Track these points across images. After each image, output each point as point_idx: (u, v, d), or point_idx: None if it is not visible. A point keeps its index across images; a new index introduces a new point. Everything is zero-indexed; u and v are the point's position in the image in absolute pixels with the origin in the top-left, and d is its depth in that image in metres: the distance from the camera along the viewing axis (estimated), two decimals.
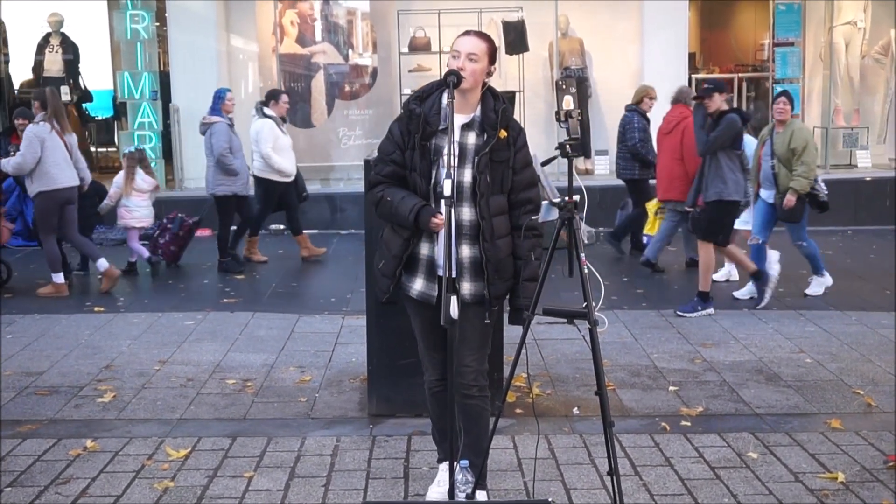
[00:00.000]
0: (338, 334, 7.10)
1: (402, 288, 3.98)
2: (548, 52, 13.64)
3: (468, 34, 3.87)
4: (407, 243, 3.87)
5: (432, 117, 3.82)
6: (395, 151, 3.89)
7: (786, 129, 7.87)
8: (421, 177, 3.83)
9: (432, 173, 3.82)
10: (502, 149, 3.84)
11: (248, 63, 14.19)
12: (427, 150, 3.82)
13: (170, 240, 9.89)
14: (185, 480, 4.54)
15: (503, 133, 3.83)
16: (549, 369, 6.19)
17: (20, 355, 6.59)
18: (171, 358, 6.53)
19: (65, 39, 14.18)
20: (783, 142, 7.83)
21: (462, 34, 3.88)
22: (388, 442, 5.00)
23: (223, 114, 9.35)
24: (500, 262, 3.85)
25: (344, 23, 14.12)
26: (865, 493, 4.31)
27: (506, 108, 3.88)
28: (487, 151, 3.80)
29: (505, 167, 3.85)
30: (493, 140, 3.81)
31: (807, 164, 7.77)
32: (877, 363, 6.24)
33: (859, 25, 13.89)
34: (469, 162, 3.82)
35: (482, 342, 4.03)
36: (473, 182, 3.80)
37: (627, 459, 4.73)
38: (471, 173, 3.81)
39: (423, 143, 3.82)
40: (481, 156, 3.79)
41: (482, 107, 3.87)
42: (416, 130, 3.82)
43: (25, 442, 5.02)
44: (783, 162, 7.85)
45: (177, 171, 12.99)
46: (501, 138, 3.82)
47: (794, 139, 7.77)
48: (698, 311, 7.52)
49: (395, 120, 3.97)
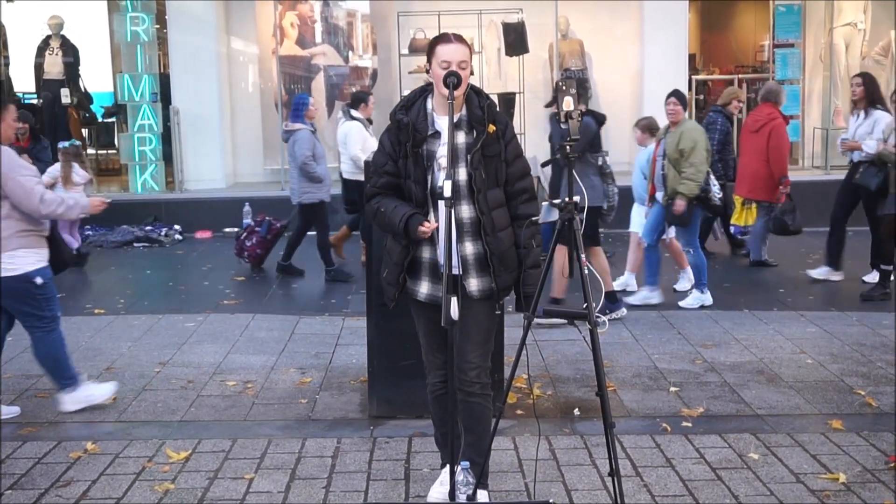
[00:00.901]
0: (338, 336, 7.10)
1: (407, 293, 4.02)
2: (548, 54, 13.64)
3: (450, 41, 3.84)
4: (406, 250, 3.93)
5: (420, 124, 3.86)
6: (387, 163, 3.93)
7: (676, 129, 7.70)
8: (416, 183, 3.87)
9: (427, 179, 3.86)
10: (493, 143, 3.88)
11: (248, 65, 14.20)
12: (420, 156, 3.86)
13: (256, 243, 9.76)
14: (185, 482, 4.54)
15: (492, 128, 3.86)
16: (550, 370, 6.19)
17: (20, 358, 6.58)
18: (171, 360, 6.52)
19: (65, 42, 14.18)
20: (673, 142, 7.65)
21: (442, 42, 3.85)
22: (389, 443, 4.99)
23: (306, 121, 9.12)
24: (504, 254, 3.90)
25: (344, 24, 14.13)
26: (867, 494, 4.30)
27: (490, 103, 3.92)
28: (479, 148, 3.84)
29: (498, 161, 3.90)
30: (484, 136, 3.85)
31: (695, 166, 7.51)
32: (878, 364, 6.23)
33: (859, 27, 13.90)
34: (462, 160, 3.85)
35: (486, 339, 4.05)
36: (469, 179, 3.84)
37: (628, 460, 4.72)
38: (465, 171, 3.85)
39: (415, 150, 3.85)
40: (474, 153, 3.83)
41: (467, 106, 3.90)
42: (406, 139, 3.86)
43: (26, 444, 5.01)
44: (672, 163, 7.65)
45: (177, 174, 12.99)
46: (491, 133, 3.86)
47: (683, 140, 7.57)
48: (607, 313, 7.30)
49: (385, 131, 4.00)
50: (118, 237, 11.37)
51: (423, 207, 3.87)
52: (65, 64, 14.13)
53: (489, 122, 3.86)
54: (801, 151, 13.82)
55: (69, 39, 14.23)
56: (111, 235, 11.43)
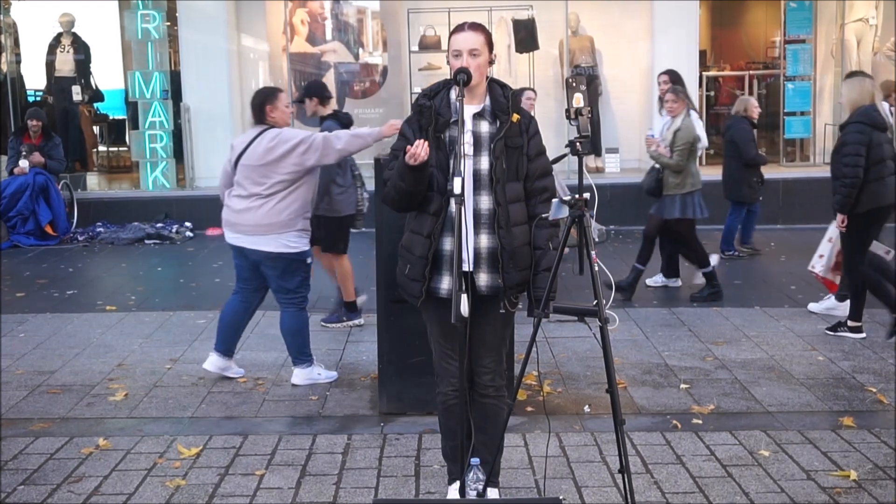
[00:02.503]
0: (349, 332, 7.11)
1: (429, 292, 3.88)
2: (558, 51, 13.62)
3: (463, 30, 3.85)
4: (429, 241, 3.81)
5: (443, 109, 3.82)
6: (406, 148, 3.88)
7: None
8: (438, 170, 3.79)
9: (450, 164, 3.75)
10: (516, 135, 3.84)
11: (258, 62, 14.22)
12: (442, 141, 3.80)
13: None
14: (196, 478, 4.55)
15: (515, 117, 3.83)
16: (560, 367, 6.18)
17: (32, 354, 6.61)
18: (182, 356, 6.54)
19: (76, 39, 14.23)
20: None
21: (456, 31, 3.86)
22: (399, 440, 5.00)
23: None
24: (516, 251, 3.81)
25: (354, 21, 14.14)
26: (878, 492, 4.29)
27: (514, 93, 3.91)
28: (502, 137, 3.80)
29: (520, 154, 3.85)
30: (507, 125, 3.81)
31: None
32: (889, 360, 6.21)
33: (871, 22, 13.83)
34: (485, 149, 3.81)
35: (500, 342, 4.02)
36: (490, 169, 3.79)
37: (639, 457, 4.72)
38: (488, 160, 3.80)
39: (438, 134, 3.80)
40: (496, 141, 3.79)
41: (491, 95, 3.88)
42: (428, 124, 3.81)
43: (38, 440, 5.04)
44: None
45: (188, 171, 13.01)
46: (514, 122, 3.83)
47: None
48: (343, 321, 7.24)
49: (405, 121, 3.96)
50: (129, 234, 11.40)
51: (444, 195, 3.78)
52: (76, 61, 14.20)
53: (513, 112, 3.84)
54: (812, 148, 13.77)
55: (80, 37, 14.28)
56: (122, 232, 11.47)
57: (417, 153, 3.65)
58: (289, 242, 5.61)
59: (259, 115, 5.70)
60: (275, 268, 5.69)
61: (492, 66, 3.90)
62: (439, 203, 3.80)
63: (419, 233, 3.86)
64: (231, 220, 5.70)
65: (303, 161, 5.51)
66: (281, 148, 5.49)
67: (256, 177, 5.55)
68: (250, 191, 5.57)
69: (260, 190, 5.55)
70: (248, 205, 5.58)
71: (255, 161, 5.55)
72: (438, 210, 3.81)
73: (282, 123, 5.68)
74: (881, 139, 6.61)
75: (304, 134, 5.58)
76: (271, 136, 5.55)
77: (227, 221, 5.73)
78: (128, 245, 11.20)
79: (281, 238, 5.58)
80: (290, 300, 5.82)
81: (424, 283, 3.85)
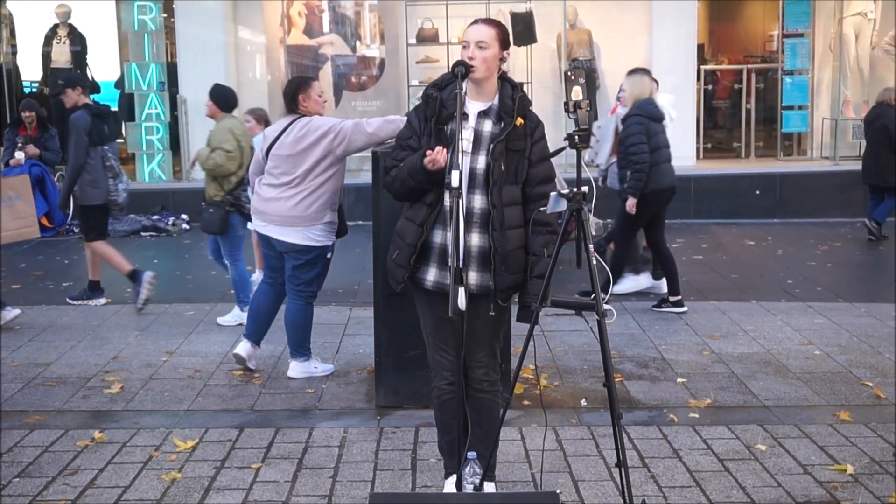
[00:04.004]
0: (345, 326, 7.10)
1: (415, 281, 3.92)
2: (556, 44, 13.60)
3: (476, 23, 3.85)
4: (420, 230, 3.82)
5: (449, 102, 3.79)
6: (411, 137, 3.88)
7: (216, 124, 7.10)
8: None
9: (450, 158, 3.73)
10: (519, 138, 3.81)
11: (255, 54, 14.18)
12: (443, 133, 3.79)
13: None
14: (192, 471, 4.54)
15: (520, 121, 3.80)
16: (557, 361, 6.18)
17: (28, 346, 6.60)
18: (178, 349, 6.53)
19: (72, 31, 14.18)
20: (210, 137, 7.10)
21: (471, 23, 3.87)
22: (396, 433, 4.99)
23: None
24: (509, 254, 3.79)
25: (351, 14, 14.11)
26: (874, 486, 4.29)
27: (523, 96, 3.86)
28: (503, 139, 3.77)
29: (521, 157, 3.82)
30: (510, 128, 3.78)
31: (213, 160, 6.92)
32: (886, 355, 6.21)
33: (869, 16, 13.83)
34: (484, 149, 3.79)
35: (493, 337, 4.00)
36: (487, 169, 3.77)
37: (635, 451, 4.71)
38: (485, 160, 3.78)
39: (440, 126, 3.79)
40: (496, 143, 3.77)
41: (500, 94, 3.85)
42: (431, 114, 3.80)
43: (33, 433, 5.03)
44: None
45: (184, 163, 12.98)
46: (518, 126, 3.80)
47: None
48: (84, 299, 7.83)
49: (413, 109, 3.98)
50: (125, 226, 11.38)
51: (442, 187, 3.77)
52: (72, 53, 14.13)
53: (518, 115, 3.80)
54: (810, 142, 13.78)
55: (77, 28, 14.22)
56: (118, 224, 11.42)
57: (437, 159, 3.66)
58: (314, 236, 5.62)
59: (291, 104, 5.69)
60: (297, 258, 5.69)
61: (503, 62, 3.87)
62: (436, 194, 3.80)
63: (413, 220, 3.86)
64: (260, 209, 5.71)
65: (332, 149, 5.50)
66: (311, 136, 5.50)
67: (287, 166, 5.56)
68: (280, 180, 5.58)
69: (289, 179, 5.55)
70: (278, 194, 5.59)
71: (285, 150, 5.55)
72: (435, 201, 3.81)
73: (314, 112, 5.68)
74: (657, 129, 7.26)
75: (334, 121, 5.58)
76: (302, 125, 5.55)
77: (256, 209, 5.76)
78: (124, 237, 11.19)
79: (307, 231, 5.59)
80: (301, 291, 5.82)
81: (408, 271, 3.86)
